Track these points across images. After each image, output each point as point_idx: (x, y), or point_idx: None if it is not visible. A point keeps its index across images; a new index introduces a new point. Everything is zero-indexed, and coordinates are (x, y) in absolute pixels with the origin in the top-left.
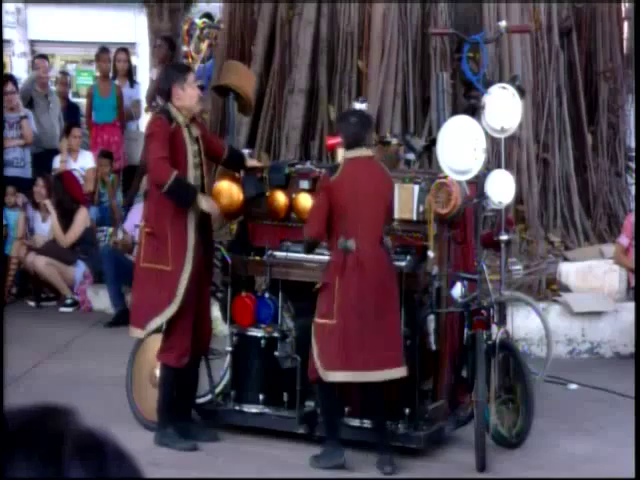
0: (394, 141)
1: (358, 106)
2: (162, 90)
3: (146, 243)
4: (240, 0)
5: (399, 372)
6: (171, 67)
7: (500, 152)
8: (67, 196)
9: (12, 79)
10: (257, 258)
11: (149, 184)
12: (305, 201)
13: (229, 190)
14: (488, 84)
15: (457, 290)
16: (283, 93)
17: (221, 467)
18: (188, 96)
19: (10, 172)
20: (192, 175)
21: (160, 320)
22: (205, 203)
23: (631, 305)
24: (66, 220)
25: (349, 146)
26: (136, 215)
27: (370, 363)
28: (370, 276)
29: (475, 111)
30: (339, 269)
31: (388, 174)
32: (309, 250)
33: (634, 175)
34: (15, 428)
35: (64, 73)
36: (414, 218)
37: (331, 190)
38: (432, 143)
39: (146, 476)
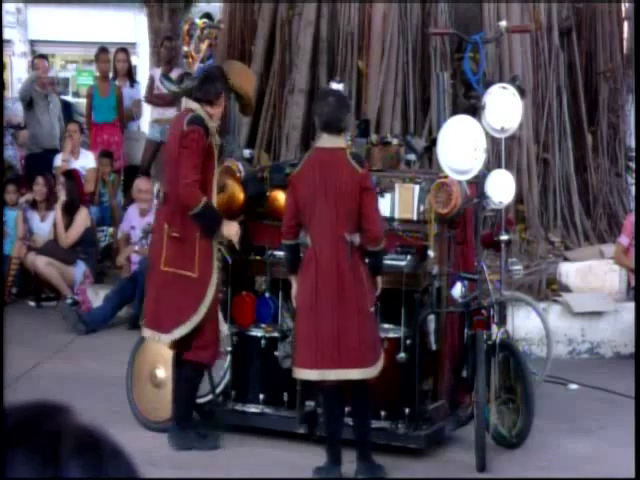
0: (395, 141)
1: (335, 86)
2: (211, 88)
3: (170, 247)
4: (240, 0)
5: (363, 373)
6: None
7: (500, 152)
8: (76, 195)
9: None
10: (257, 258)
11: (169, 191)
12: None
13: (230, 190)
14: (488, 84)
15: (457, 290)
16: (283, 93)
17: (221, 467)
18: (220, 111)
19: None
20: (215, 181)
21: (187, 328)
22: (227, 229)
23: (631, 305)
24: (67, 219)
25: (322, 128)
26: (132, 215)
27: (328, 362)
28: (326, 273)
29: (475, 111)
30: (301, 265)
31: (357, 168)
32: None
33: (634, 175)
34: (12, 426)
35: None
36: (414, 218)
37: (293, 184)
38: (432, 143)
39: (144, 475)
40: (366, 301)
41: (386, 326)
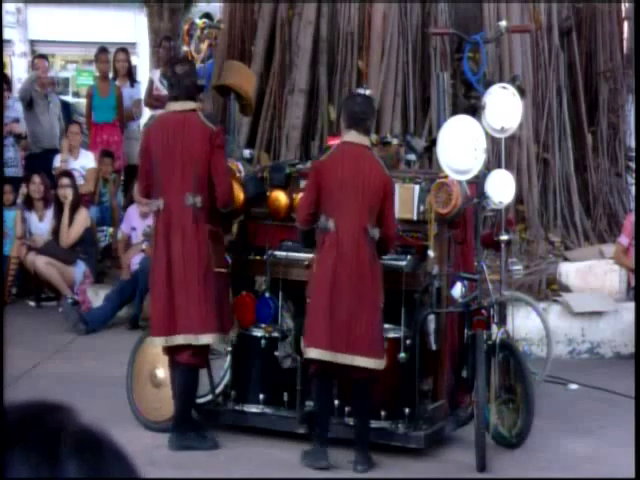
0: (395, 141)
1: (362, 92)
2: (195, 83)
3: (215, 246)
4: (240, 0)
5: (369, 362)
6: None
7: (500, 152)
8: (77, 195)
9: None
10: (257, 258)
11: (202, 192)
12: None
13: None
14: (488, 84)
15: (457, 290)
16: (283, 93)
17: (221, 467)
18: None
19: (6, 172)
20: None
21: (235, 327)
22: (234, 228)
23: (631, 305)
24: (68, 219)
25: (350, 125)
26: (133, 216)
27: (339, 344)
28: (347, 257)
29: (475, 111)
30: (318, 247)
31: (385, 170)
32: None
33: (634, 175)
34: (13, 424)
35: None
36: (414, 218)
37: (318, 171)
38: (432, 143)
39: (144, 476)
40: (380, 297)
41: (386, 326)
